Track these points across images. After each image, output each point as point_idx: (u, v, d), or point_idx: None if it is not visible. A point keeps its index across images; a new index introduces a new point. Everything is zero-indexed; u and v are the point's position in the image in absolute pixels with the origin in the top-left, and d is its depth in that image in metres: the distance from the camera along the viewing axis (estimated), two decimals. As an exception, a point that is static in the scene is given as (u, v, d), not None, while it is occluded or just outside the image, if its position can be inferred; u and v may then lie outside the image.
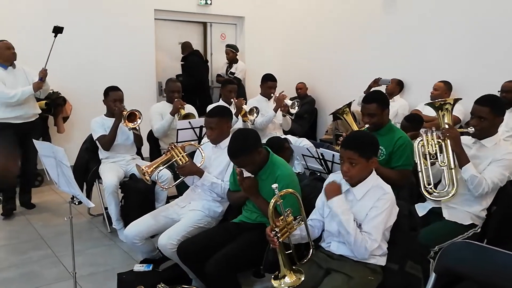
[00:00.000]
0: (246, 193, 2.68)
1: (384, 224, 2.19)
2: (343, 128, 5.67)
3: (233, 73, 6.98)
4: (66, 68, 5.84)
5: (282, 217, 2.16)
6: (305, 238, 2.35)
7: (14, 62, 4.46)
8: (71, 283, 2.72)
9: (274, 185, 2.15)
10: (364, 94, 4.64)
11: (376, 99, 3.09)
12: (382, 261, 2.25)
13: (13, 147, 4.47)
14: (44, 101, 5.42)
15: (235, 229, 2.81)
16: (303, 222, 2.27)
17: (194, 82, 6.54)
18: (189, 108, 4.48)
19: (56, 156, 2.50)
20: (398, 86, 5.73)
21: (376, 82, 5.57)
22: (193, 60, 6.65)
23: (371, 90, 5.25)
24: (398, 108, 5.47)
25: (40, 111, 4.77)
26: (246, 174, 2.64)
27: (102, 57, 6.17)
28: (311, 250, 2.33)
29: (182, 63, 6.73)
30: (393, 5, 5.86)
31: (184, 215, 3.04)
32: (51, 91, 5.62)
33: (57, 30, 4.55)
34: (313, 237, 2.39)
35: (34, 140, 2.82)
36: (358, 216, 2.23)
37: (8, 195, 4.65)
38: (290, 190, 2.24)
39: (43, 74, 4.44)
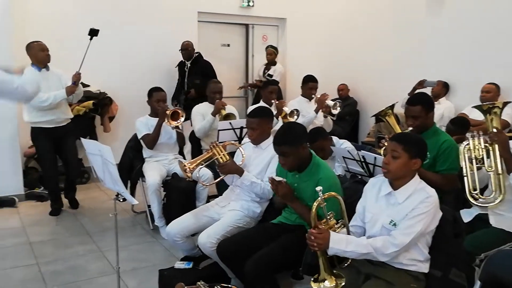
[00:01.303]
0: (282, 199, 2.69)
1: (422, 228, 2.12)
2: (385, 130, 5.56)
3: (271, 75, 6.96)
4: (112, 69, 6.04)
5: (324, 220, 2.15)
6: None
7: (48, 64, 4.38)
8: (115, 278, 2.80)
9: (318, 188, 2.13)
10: (408, 96, 4.54)
11: (421, 101, 3.02)
12: (424, 268, 2.19)
13: (48, 152, 4.49)
14: (91, 101, 5.61)
15: (274, 230, 2.82)
16: (345, 227, 2.24)
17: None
18: (230, 109, 4.52)
19: (102, 154, 2.57)
20: (444, 88, 5.56)
21: (421, 84, 5.44)
22: (206, 62, 6.26)
23: (416, 92, 5.12)
24: (443, 110, 5.32)
25: (72, 116, 4.70)
26: (278, 179, 2.67)
27: (146, 59, 6.32)
28: None
29: (190, 65, 6.17)
30: (439, 4, 5.70)
31: (223, 215, 3.08)
32: (98, 91, 5.84)
33: (93, 32, 4.42)
34: None
35: (82, 139, 2.92)
36: (397, 217, 2.18)
37: (54, 195, 4.71)
38: (333, 193, 2.23)
39: (77, 78, 4.35)
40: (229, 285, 2.76)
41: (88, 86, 5.85)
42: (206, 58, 6.31)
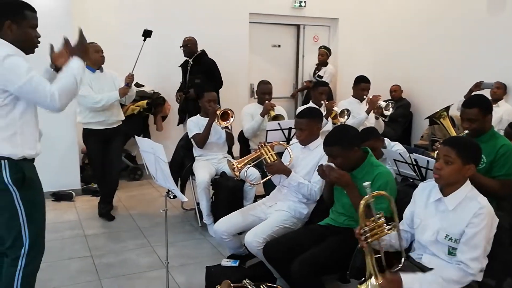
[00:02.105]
0: (337, 183, 2.64)
1: (484, 243, 2.04)
2: (440, 133, 5.37)
3: (320, 76, 6.89)
4: (165, 69, 6.21)
5: (372, 218, 2.11)
6: (393, 246, 2.28)
7: (102, 65, 4.38)
8: (164, 273, 2.87)
9: (366, 183, 2.10)
10: (465, 98, 4.37)
11: (478, 103, 2.89)
12: (479, 276, 2.09)
13: (98, 154, 4.47)
14: (145, 101, 5.79)
15: (321, 231, 2.79)
16: (395, 229, 2.19)
17: (218, 86, 5.67)
18: (279, 110, 4.53)
19: (155, 152, 2.65)
20: (502, 90, 5.31)
21: (478, 85, 5.22)
22: (209, 61, 5.76)
23: (472, 94, 4.92)
24: (502, 113, 5.07)
25: (123, 118, 4.65)
26: (326, 164, 2.64)
27: (198, 59, 6.44)
28: (403, 259, 2.24)
29: (192, 63, 5.75)
30: (501, 3, 5.44)
31: (270, 215, 3.09)
32: (152, 91, 6.01)
33: (147, 34, 4.45)
34: (399, 247, 2.30)
35: (136, 137, 3.02)
36: (451, 229, 2.10)
37: (105, 198, 4.68)
38: (383, 192, 2.19)
39: (130, 80, 4.34)
40: (275, 285, 2.77)
41: (143, 86, 6.05)
42: (256, 58, 6.31)
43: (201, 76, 5.63)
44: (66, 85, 2.22)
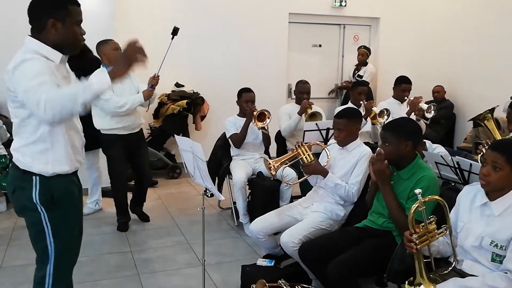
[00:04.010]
0: (375, 175, 2.59)
1: None
2: (484, 136, 5.17)
3: (361, 76, 6.80)
4: (205, 70, 6.30)
5: (422, 224, 2.06)
6: (440, 252, 2.23)
7: None
8: (200, 270, 2.91)
9: (418, 190, 2.06)
10: (511, 100, 4.20)
11: (526, 105, 2.78)
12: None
13: (122, 161, 4.13)
14: (185, 101, 5.88)
15: (358, 233, 2.75)
16: (446, 231, 2.14)
17: None
18: (316, 109, 4.50)
19: (193, 151, 2.68)
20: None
21: (527, 86, 4.99)
22: (92, 59, 4.39)
23: (521, 95, 4.72)
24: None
25: (143, 122, 4.33)
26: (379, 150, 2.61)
27: (237, 60, 6.49)
28: (454, 262, 2.18)
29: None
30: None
31: (306, 216, 3.07)
32: (192, 91, 6.11)
33: (175, 31, 4.09)
34: (446, 254, 2.25)
35: (176, 136, 3.05)
36: (497, 235, 2.03)
37: (121, 208, 4.32)
38: (436, 196, 2.16)
39: (155, 82, 4.01)
40: (310, 286, 2.76)
41: (183, 86, 6.16)
42: (294, 58, 6.27)
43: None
44: (61, 96, 1.86)
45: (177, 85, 6.18)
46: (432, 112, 4.45)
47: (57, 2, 2.01)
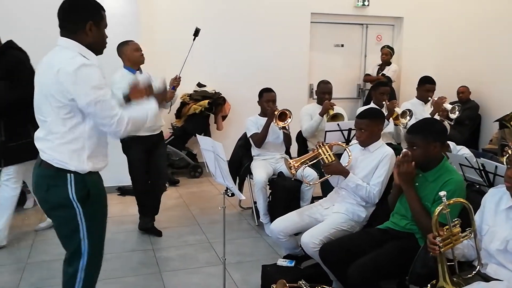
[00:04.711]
0: (400, 176, 2.55)
1: None
2: (510, 137, 5.07)
3: (385, 75, 6.76)
4: (227, 70, 6.33)
5: (447, 227, 2.04)
6: (465, 256, 2.20)
7: (141, 66, 3.94)
8: (220, 269, 2.93)
9: (442, 193, 2.04)
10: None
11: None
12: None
13: (142, 163, 4.05)
14: (207, 101, 5.93)
15: (380, 235, 2.72)
16: (471, 235, 2.11)
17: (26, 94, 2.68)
18: (338, 110, 4.47)
19: (215, 150, 2.70)
20: None
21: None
22: (17, 57, 3.79)
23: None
24: None
25: (164, 123, 4.25)
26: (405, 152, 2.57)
27: (258, 60, 6.50)
28: (478, 266, 2.15)
29: None
30: None
31: (327, 217, 3.05)
32: (213, 91, 6.15)
33: (197, 32, 3.98)
34: (470, 257, 2.22)
35: (197, 135, 3.07)
36: None
37: (150, 211, 4.26)
38: (461, 199, 2.13)
39: (177, 83, 3.94)
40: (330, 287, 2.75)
41: (205, 86, 6.21)
42: (316, 58, 6.22)
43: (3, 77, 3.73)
44: (138, 117, 2.17)
45: (199, 85, 6.23)
46: (457, 112, 4.38)
47: (96, 6, 2.17)
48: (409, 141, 2.58)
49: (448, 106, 4.36)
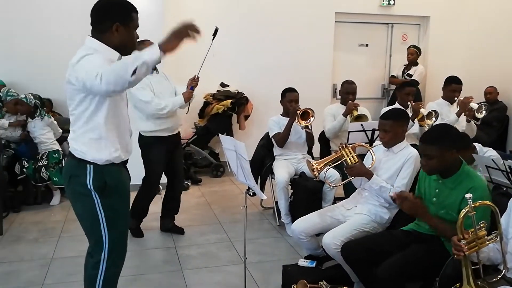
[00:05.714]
0: (410, 214, 2.55)
1: None
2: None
3: (411, 75, 6.66)
4: (249, 70, 6.34)
5: (472, 230, 2.00)
6: (491, 260, 2.16)
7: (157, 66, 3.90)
8: (241, 268, 2.93)
9: (468, 195, 2.01)
10: None
11: None
12: None
13: (161, 164, 3.99)
14: (229, 100, 5.95)
15: (404, 237, 2.69)
16: (497, 238, 2.07)
17: None
18: (362, 110, 4.43)
19: (237, 150, 2.70)
20: None
21: None
22: None
23: None
24: None
25: (182, 123, 4.22)
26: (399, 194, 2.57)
27: (281, 60, 6.48)
28: (504, 270, 2.11)
29: None
30: None
31: (349, 217, 3.03)
32: (236, 91, 6.17)
33: (216, 32, 3.81)
34: (496, 261, 2.17)
35: (220, 135, 3.08)
36: None
37: (170, 212, 4.26)
38: (487, 202, 2.09)
39: (195, 83, 3.86)
40: (352, 289, 2.72)
41: (228, 86, 6.23)
42: (340, 58, 6.17)
43: None
44: (114, 67, 1.97)
45: (222, 85, 6.26)
46: (483, 112, 4.27)
47: (124, 9, 2.18)
48: (425, 153, 2.49)
49: (474, 105, 4.26)
